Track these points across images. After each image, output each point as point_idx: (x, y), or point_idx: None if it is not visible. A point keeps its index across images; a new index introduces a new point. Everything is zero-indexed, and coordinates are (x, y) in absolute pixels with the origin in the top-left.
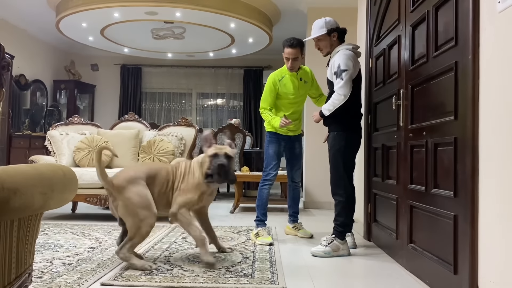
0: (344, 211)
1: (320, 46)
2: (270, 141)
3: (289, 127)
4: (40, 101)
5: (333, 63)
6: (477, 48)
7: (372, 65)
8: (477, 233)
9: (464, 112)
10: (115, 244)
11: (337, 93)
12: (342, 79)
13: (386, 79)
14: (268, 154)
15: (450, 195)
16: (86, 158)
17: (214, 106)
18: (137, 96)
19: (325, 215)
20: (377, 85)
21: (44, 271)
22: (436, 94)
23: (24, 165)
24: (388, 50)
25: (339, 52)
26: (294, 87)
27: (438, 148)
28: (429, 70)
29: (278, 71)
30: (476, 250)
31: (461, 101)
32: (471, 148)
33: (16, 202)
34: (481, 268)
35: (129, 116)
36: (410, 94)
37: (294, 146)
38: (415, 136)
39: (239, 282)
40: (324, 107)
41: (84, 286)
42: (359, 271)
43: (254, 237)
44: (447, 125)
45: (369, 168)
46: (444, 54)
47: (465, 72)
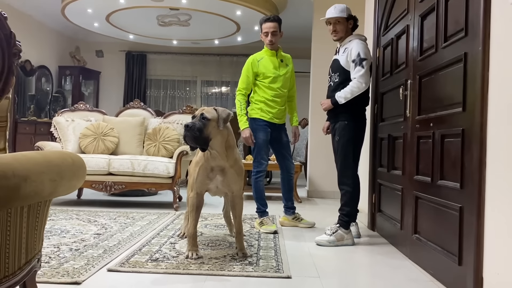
0: (351, 201)
1: (336, 28)
2: (257, 129)
3: (274, 114)
4: (45, 87)
5: (350, 51)
6: (487, 39)
7: (380, 54)
8: (483, 225)
9: (472, 104)
10: (121, 230)
11: (358, 81)
12: (363, 68)
13: (394, 69)
14: (257, 142)
15: (456, 187)
16: (92, 144)
17: (218, 94)
18: (142, 83)
19: (329, 204)
20: (384, 75)
21: (52, 256)
22: (444, 85)
23: (33, 152)
24: (396, 40)
25: (355, 41)
26: (274, 67)
27: (445, 139)
28: (438, 61)
29: (257, 53)
30: (482, 241)
31: (470, 92)
32: (478, 140)
33: (27, 189)
34: (486, 259)
35: (134, 103)
36: (418, 85)
37: (281, 135)
38: (422, 127)
39: (244, 270)
40: (339, 95)
41: (91, 272)
42: (363, 260)
43: (259, 226)
44: (455, 117)
45: (375, 159)
46: (453, 45)
47: (475, 63)
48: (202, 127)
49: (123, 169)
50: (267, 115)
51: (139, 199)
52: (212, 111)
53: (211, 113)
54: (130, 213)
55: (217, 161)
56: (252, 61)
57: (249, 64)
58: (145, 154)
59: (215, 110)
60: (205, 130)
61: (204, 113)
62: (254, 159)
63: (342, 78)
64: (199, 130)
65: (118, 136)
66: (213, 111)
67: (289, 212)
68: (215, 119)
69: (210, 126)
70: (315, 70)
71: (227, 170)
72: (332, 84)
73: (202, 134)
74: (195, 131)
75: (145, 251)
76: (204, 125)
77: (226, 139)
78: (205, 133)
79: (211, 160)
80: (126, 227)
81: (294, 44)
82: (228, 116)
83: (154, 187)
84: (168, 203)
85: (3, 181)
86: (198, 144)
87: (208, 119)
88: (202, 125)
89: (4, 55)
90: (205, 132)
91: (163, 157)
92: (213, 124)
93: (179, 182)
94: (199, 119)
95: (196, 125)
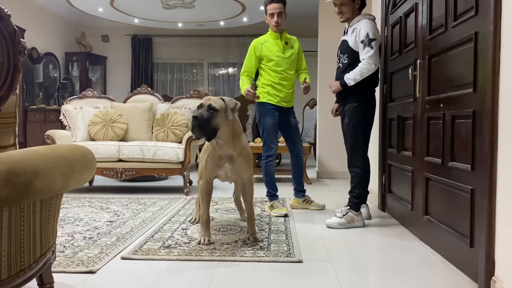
0: (361, 183)
1: (342, 10)
2: (265, 113)
3: (282, 98)
4: (53, 74)
5: (359, 31)
6: (498, 18)
7: (388, 33)
8: (495, 207)
9: (483, 85)
10: (133, 217)
11: (367, 62)
12: (372, 48)
13: (403, 49)
14: (265, 127)
15: (467, 169)
16: (101, 131)
17: (225, 75)
18: (149, 67)
19: (339, 185)
20: (393, 54)
21: (66, 245)
22: (454, 65)
23: (43, 147)
24: (404, 18)
25: (364, 21)
26: (278, 49)
27: (455, 120)
28: (448, 40)
29: (261, 37)
30: (493, 224)
31: (481, 73)
32: (490, 122)
33: (38, 184)
34: (498, 242)
35: (142, 89)
36: (427, 65)
37: (289, 118)
38: (432, 108)
39: (256, 255)
40: (349, 76)
41: (105, 260)
42: (374, 242)
43: (269, 209)
44: (466, 98)
45: (384, 139)
46: (463, 24)
47: (486, 43)
48: (210, 117)
49: (133, 156)
50: (275, 98)
51: (150, 184)
52: (219, 101)
53: (218, 103)
54: (141, 199)
55: (224, 150)
56: (256, 45)
57: (252, 48)
58: (154, 140)
59: (222, 100)
60: (213, 120)
61: (211, 104)
62: (263, 144)
63: (351, 60)
64: (207, 121)
65: (127, 123)
66: (220, 101)
67: (299, 195)
68: (223, 109)
69: (218, 116)
70: (322, 49)
71: (235, 158)
72: (341, 66)
73: (210, 124)
74: (203, 121)
75: (157, 238)
76: (212, 116)
77: (233, 128)
78: (213, 123)
79: (218, 149)
80: (138, 213)
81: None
82: (235, 105)
83: (164, 172)
84: (179, 188)
85: (15, 178)
86: (206, 135)
87: (216, 109)
88: (210, 115)
89: (9, 53)
90: (213, 122)
91: (172, 142)
92: (221, 115)
93: (189, 167)
94: (207, 109)
95: (204, 116)
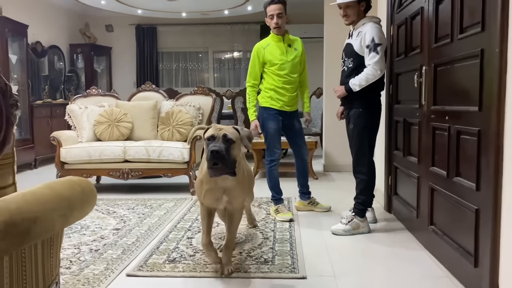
0: (366, 189)
1: (347, 13)
2: (268, 118)
3: (285, 102)
4: (58, 66)
5: (364, 35)
6: (505, 40)
7: (394, 33)
8: (499, 232)
9: (489, 105)
10: (139, 223)
11: (373, 67)
12: (377, 54)
13: (409, 51)
14: (269, 132)
15: (472, 187)
16: (107, 131)
17: (231, 64)
18: (154, 56)
19: (345, 179)
20: (399, 55)
21: (72, 259)
22: (460, 79)
23: (41, 187)
24: (410, 20)
25: (369, 25)
26: (282, 52)
27: (461, 136)
28: (453, 52)
29: (263, 40)
30: (498, 249)
31: (486, 93)
32: (495, 145)
33: (37, 230)
34: (502, 265)
35: (146, 86)
36: (433, 73)
37: (293, 122)
38: (437, 119)
39: (260, 270)
40: (354, 82)
41: (111, 278)
42: (379, 253)
43: (274, 213)
44: (471, 116)
45: (390, 141)
46: (469, 38)
47: (492, 64)
48: (229, 149)
49: (138, 156)
50: (277, 103)
51: (156, 181)
52: (233, 131)
53: (233, 133)
54: (148, 201)
55: (226, 182)
56: (258, 50)
57: (255, 54)
58: (160, 139)
59: (236, 130)
60: (231, 152)
61: (227, 134)
62: (267, 148)
63: (356, 64)
64: (228, 153)
65: (132, 121)
66: (234, 130)
67: (304, 197)
68: (239, 140)
69: (235, 148)
70: (328, 35)
71: (234, 188)
72: (346, 69)
73: (231, 157)
74: (225, 155)
75: (162, 250)
76: (230, 148)
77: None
78: (232, 156)
79: (221, 181)
80: (144, 218)
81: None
82: (250, 134)
83: (170, 172)
84: (185, 185)
85: (12, 229)
86: (229, 169)
87: (233, 140)
88: (229, 147)
89: (1, 108)
90: (232, 154)
91: (177, 141)
92: (237, 146)
93: (195, 166)
94: (223, 141)
95: (224, 149)
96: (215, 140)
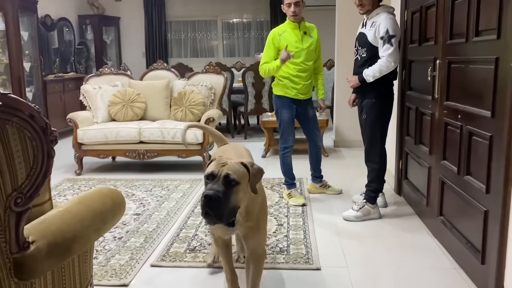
0: (378, 177)
1: (363, 2)
2: (282, 106)
3: (299, 90)
4: (68, 38)
5: (378, 26)
6: None
7: (408, 18)
8: (507, 234)
9: (501, 113)
10: (158, 208)
11: (387, 59)
12: (392, 45)
13: (422, 41)
14: (282, 120)
15: (482, 189)
16: (121, 112)
17: (240, 33)
18: (162, 26)
19: (355, 157)
20: (413, 42)
21: (98, 248)
22: (473, 81)
23: (76, 203)
24: (425, 10)
25: (384, 16)
26: (297, 40)
27: (473, 137)
28: (468, 52)
29: (279, 26)
30: (505, 250)
31: (499, 101)
32: (505, 155)
33: (76, 247)
34: (508, 267)
35: (158, 65)
36: (447, 69)
37: (307, 109)
38: (450, 115)
39: (276, 261)
40: (367, 73)
41: (136, 269)
42: (389, 241)
43: (287, 197)
44: (484, 120)
45: (402, 126)
46: (484, 43)
47: (506, 75)
48: (229, 194)
49: (153, 138)
50: (292, 91)
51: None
52: (238, 169)
53: (239, 172)
54: (164, 182)
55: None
56: (274, 36)
57: (270, 39)
58: (173, 119)
59: (244, 166)
60: (232, 197)
61: (230, 174)
62: (280, 136)
63: (370, 54)
64: (226, 200)
65: (145, 101)
66: (240, 168)
67: (316, 181)
68: (246, 179)
69: (240, 190)
70: (340, 3)
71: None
72: (359, 58)
73: (229, 204)
74: (220, 202)
75: (182, 238)
76: (232, 192)
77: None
78: (232, 202)
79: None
80: (163, 202)
81: None
82: (261, 172)
83: (184, 153)
84: (199, 164)
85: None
86: (224, 220)
87: (237, 182)
88: (229, 192)
89: (43, 146)
90: (233, 200)
91: (191, 121)
92: (243, 188)
93: (208, 147)
94: (223, 182)
95: (221, 194)
96: (214, 179)
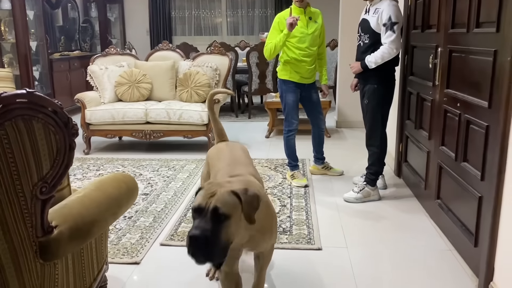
0: (378, 161)
1: None
2: (286, 90)
3: (303, 74)
4: (72, 16)
5: (381, 13)
6: None
7: (412, 3)
8: (499, 220)
9: (497, 105)
10: (165, 188)
11: (389, 46)
12: (394, 32)
13: (425, 27)
14: (287, 103)
15: (477, 176)
16: (127, 92)
17: (244, 11)
18: (166, 3)
19: (357, 138)
20: (416, 28)
21: (110, 228)
22: (473, 70)
23: (93, 190)
24: None
25: (386, 3)
26: (302, 25)
27: (470, 125)
28: (469, 43)
29: (285, 11)
30: (496, 235)
31: (496, 93)
32: (500, 145)
33: (95, 230)
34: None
35: (163, 45)
36: (448, 57)
37: (311, 93)
38: (449, 102)
39: (279, 241)
40: (370, 59)
41: (147, 248)
42: (389, 223)
43: (290, 178)
44: (481, 110)
45: (403, 110)
46: (484, 35)
47: (503, 68)
48: (217, 232)
49: (159, 118)
50: (296, 75)
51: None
52: (229, 200)
53: (229, 204)
54: (170, 162)
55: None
56: (279, 20)
57: (276, 23)
58: (178, 99)
59: (236, 195)
60: (223, 234)
61: (219, 208)
62: (285, 119)
63: (373, 41)
64: (214, 238)
65: (151, 82)
66: (231, 198)
67: (319, 162)
68: (238, 211)
69: (231, 225)
70: None
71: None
72: (362, 45)
73: (219, 242)
74: (206, 243)
75: (189, 217)
76: (221, 228)
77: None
78: (222, 239)
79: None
80: (170, 182)
81: None
82: (257, 199)
83: (190, 134)
84: (204, 144)
85: (76, 232)
86: (215, 259)
87: (228, 216)
88: (217, 229)
89: (65, 139)
90: (223, 237)
91: (196, 103)
92: (235, 221)
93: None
94: (211, 217)
95: (208, 233)
96: (201, 214)
